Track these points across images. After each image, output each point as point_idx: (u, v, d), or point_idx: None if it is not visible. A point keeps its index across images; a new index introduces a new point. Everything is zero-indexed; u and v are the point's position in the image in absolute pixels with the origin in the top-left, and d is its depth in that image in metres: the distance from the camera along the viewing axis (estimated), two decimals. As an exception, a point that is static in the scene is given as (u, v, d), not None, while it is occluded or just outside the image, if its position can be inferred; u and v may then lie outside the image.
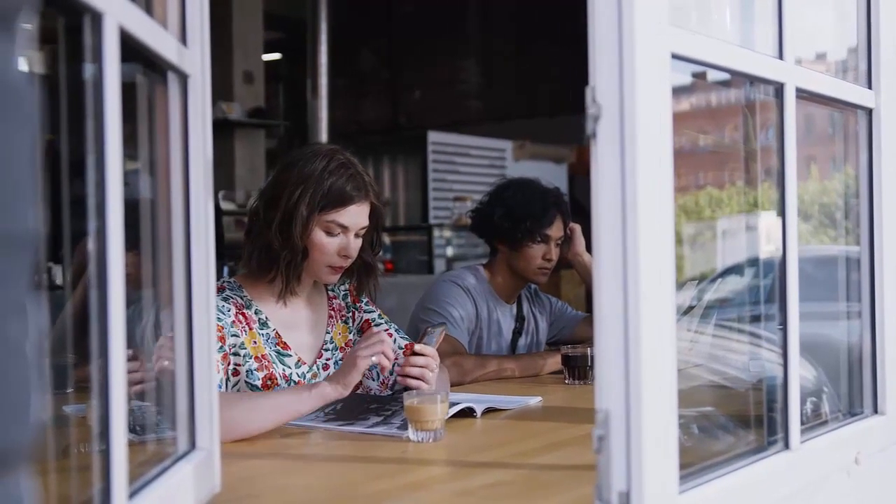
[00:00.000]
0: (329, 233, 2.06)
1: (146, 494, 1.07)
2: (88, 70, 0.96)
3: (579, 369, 2.52)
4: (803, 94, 1.48)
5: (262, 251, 2.07)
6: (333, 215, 2.05)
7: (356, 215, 2.08)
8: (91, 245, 0.95)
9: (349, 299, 2.28)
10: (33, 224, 0.54)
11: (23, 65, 0.54)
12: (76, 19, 0.94)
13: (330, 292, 2.26)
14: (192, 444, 1.29)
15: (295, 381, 2.08)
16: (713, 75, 1.47)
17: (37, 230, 0.54)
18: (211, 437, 1.31)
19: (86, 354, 0.99)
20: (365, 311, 2.28)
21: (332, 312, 2.23)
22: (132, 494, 1.02)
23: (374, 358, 1.87)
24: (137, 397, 1.35)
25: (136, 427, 1.27)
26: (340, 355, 2.20)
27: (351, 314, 2.27)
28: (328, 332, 2.20)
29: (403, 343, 2.26)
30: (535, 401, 2.23)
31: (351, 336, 2.24)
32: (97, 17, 0.94)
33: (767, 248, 1.78)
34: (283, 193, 2.04)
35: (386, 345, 1.89)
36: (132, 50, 1.05)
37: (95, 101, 0.95)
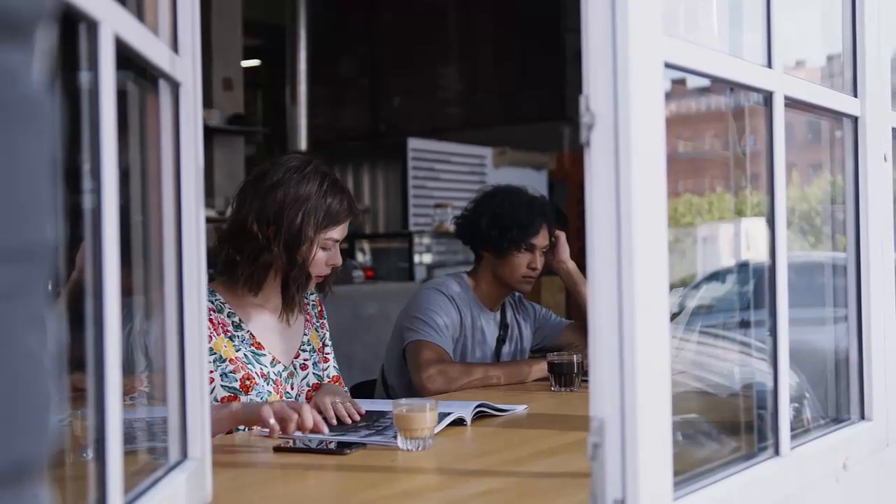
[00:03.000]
0: (324, 248, 2.17)
1: (140, 505, 1.07)
2: (83, 77, 0.95)
3: (565, 376, 2.52)
4: (791, 103, 1.49)
5: (262, 269, 2.12)
6: (331, 233, 2.16)
7: (345, 229, 2.21)
8: (86, 253, 0.95)
9: (315, 311, 2.36)
10: (52, 236, 0.53)
11: (39, 76, 0.53)
12: (71, 27, 0.93)
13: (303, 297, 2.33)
14: (184, 455, 1.28)
15: (273, 380, 2.15)
16: (693, 82, 1.47)
17: (54, 242, 0.54)
18: (203, 447, 1.30)
19: (71, 363, 0.98)
20: (327, 329, 2.38)
21: (308, 317, 2.32)
22: (127, 506, 1.01)
23: (272, 420, 1.80)
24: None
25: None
26: (317, 357, 2.30)
27: (320, 323, 2.37)
28: (305, 334, 2.29)
29: (333, 374, 2.35)
30: (520, 409, 2.23)
31: (321, 343, 2.34)
32: (93, 26, 0.93)
33: (749, 255, 1.79)
34: (281, 215, 2.10)
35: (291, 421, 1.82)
36: (124, 57, 1.04)
37: (91, 110, 0.94)
